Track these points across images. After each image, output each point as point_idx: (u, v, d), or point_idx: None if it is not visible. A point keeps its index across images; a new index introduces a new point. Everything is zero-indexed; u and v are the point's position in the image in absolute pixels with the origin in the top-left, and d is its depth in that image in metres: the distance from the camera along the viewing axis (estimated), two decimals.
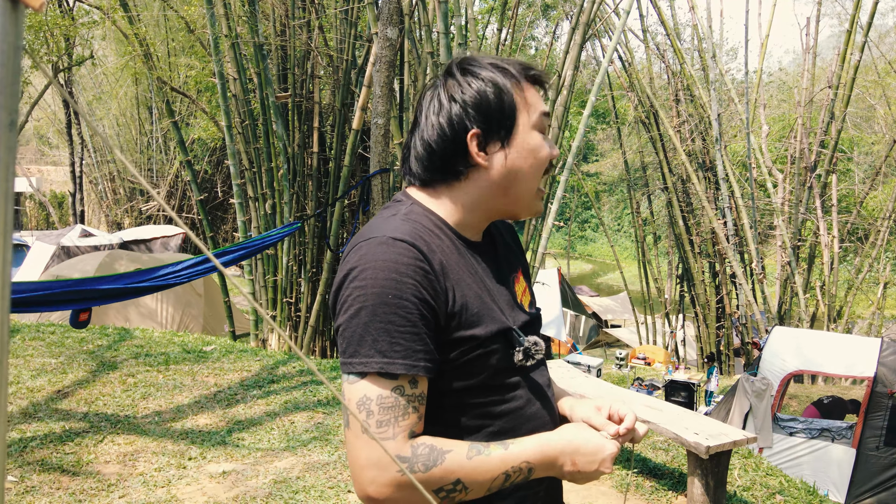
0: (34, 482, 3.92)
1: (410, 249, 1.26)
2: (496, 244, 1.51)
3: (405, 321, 1.22)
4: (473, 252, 1.41)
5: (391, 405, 1.21)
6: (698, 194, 13.42)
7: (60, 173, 29.50)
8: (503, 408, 1.35)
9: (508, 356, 1.35)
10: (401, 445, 1.21)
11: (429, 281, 1.25)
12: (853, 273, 14.63)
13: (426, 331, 1.24)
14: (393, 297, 1.22)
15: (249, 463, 4.33)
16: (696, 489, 4.01)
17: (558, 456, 1.27)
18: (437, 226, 1.37)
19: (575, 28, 8.17)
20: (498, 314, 1.35)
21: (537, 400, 1.42)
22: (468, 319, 1.30)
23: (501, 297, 1.41)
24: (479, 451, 1.23)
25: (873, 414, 6.83)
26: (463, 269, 1.35)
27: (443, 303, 1.27)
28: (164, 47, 18.01)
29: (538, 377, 1.45)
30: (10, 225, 0.78)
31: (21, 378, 5.63)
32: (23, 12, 0.65)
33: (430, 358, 1.24)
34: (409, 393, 1.23)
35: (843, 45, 12.52)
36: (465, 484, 1.22)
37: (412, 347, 1.22)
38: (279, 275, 8.56)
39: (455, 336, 1.28)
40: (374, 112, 6.13)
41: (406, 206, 1.40)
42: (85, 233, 15.67)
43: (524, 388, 1.40)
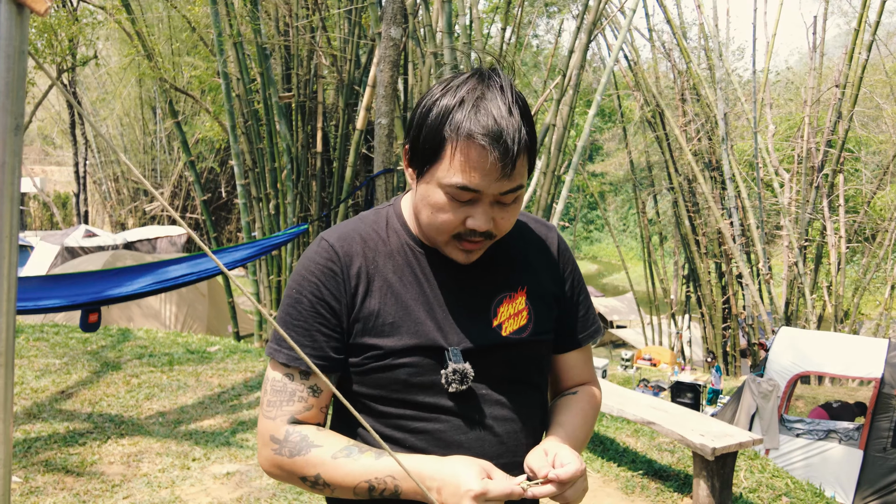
0: (38, 483, 3.91)
1: (328, 250, 1.32)
2: (493, 258, 1.38)
3: (298, 316, 1.30)
4: (433, 261, 1.35)
5: (279, 389, 1.30)
6: (704, 194, 13.37)
7: (64, 174, 29.58)
8: (420, 426, 1.32)
9: (433, 374, 1.30)
10: (278, 427, 1.28)
11: (335, 283, 1.30)
12: (860, 273, 14.56)
13: (320, 328, 1.29)
14: (295, 292, 1.31)
15: (253, 464, 4.32)
16: (701, 491, 3.98)
17: (424, 480, 1.20)
18: (395, 229, 1.38)
19: (580, 27, 8.14)
20: (427, 329, 1.31)
21: (472, 429, 1.32)
22: (377, 328, 1.30)
23: (451, 314, 1.33)
24: (348, 453, 1.25)
25: (880, 415, 6.78)
26: (398, 277, 1.33)
27: (346, 306, 1.30)
28: (168, 47, 18.03)
29: (487, 407, 1.34)
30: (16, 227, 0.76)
31: (25, 378, 5.62)
32: (28, 17, 0.63)
33: (319, 354, 1.29)
34: (297, 383, 1.29)
35: (850, 44, 12.46)
36: (326, 481, 1.25)
37: (299, 342, 1.28)
38: (283, 275, 8.55)
39: (358, 342, 1.30)
40: (377, 112, 6.11)
41: (383, 206, 1.43)
42: (89, 233, 15.70)
43: (455, 413, 1.32)
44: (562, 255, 1.47)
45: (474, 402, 1.33)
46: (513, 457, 1.34)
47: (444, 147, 1.21)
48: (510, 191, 1.24)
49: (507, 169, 1.20)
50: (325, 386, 1.30)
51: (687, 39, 14.32)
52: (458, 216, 1.24)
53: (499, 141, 1.19)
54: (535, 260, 1.44)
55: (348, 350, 1.31)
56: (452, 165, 1.21)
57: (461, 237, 1.27)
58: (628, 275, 18.34)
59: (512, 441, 1.35)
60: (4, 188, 0.62)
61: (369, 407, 1.33)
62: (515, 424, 1.36)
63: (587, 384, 1.54)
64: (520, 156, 1.21)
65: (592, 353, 1.56)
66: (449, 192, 1.23)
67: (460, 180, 1.21)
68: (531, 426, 1.39)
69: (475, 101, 1.21)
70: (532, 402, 1.41)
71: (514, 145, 1.19)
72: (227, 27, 8.14)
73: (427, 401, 1.31)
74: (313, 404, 1.31)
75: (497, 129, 1.19)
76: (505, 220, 1.28)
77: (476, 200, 1.24)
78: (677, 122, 14.03)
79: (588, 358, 1.55)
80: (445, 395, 1.31)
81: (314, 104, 8.80)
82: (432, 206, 1.25)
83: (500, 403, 1.35)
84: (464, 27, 8.21)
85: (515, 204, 1.28)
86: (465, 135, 1.19)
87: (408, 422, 1.32)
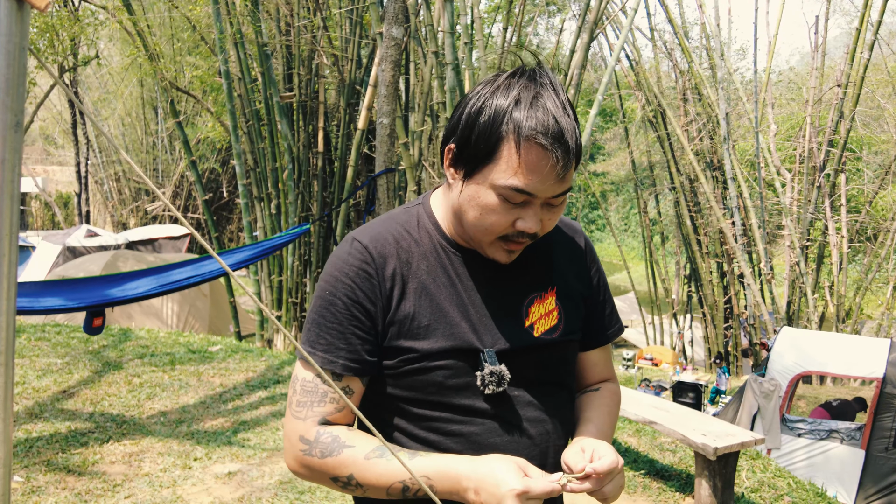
0: (40, 482, 3.91)
1: (361, 252, 1.29)
2: (523, 258, 1.36)
3: (333, 318, 1.28)
4: (466, 261, 1.34)
5: (310, 390, 1.29)
6: (706, 194, 13.36)
7: (66, 173, 29.61)
8: (455, 428, 1.31)
9: (468, 376, 1.29)
10: (308, 428, 1.28)
11: (369, 285, 1.28)
12: (862, 273, 14.54)
13: (355, 331, 1.27)
14: (329, 294, 1.29)
15: (255, 463, 4.31)
16: (703, 491, 3.98)
17: (461, 480, 1.19)
18: (426, 229, 1.36)
19: (582, 27, 8.13)
20: (462, 331, 1.30)
21: (506, 432, 1.32)
22: (412, 330, 1.28)
23: (484, 315, 1.32)
24: (381, 454, 1.24)
25: (882, 415, 6.77)
26: (432, 279, 1.31)
27: (382, 308, 1.28)
28: (170, 47, 18.03)
29: (521, 409, 1.33)
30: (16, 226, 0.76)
31: (27, 378, 5.62)
32: (28, 13, 0.63)
33: (354, 358, 1.27)
34: (330, 384, 1.28)
35: (852, 44, 12.45)
36: (359, 481, 1.24)
37: (334, 344, 1.27)
38: (284, 275, 8.55)
39: (394, 344, 1.29)
40: (379, 112, 6.11)
41: (412, 204, 1.40)
42: (90, 233, 15.70)
43: (490, 416, 1.31)
44: (588, 254, 1.47)
45: (508, 404, 1.32)
46: (546, 458, 1.34)
47: (501, 148, 1.19)
48: (561, 193, 1.24)
49: (565, 171, 1.19)
50: (357, 387, 1.31)
51: (689, 39, 14.32)
52: (508, 218, 1.23)
53: (560, 141, 1.17)
54: (563, 260, 1.43)
55: (383, 353, 1.30)
56: (509, 167, 1.19)
57: (507, 238, 1.26)
58: (630, 274, 18.31)
59: (545, 443, 1.35)
60: (4, 185, 0.62)
61: (404, 409, 1.32)
62: (548, 426, 1.35)
63: (609, 381, 1.55)
64: (576, 157, 1.21)
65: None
66: (502, 194, 1.21)
67: (517, 182, 1.19)
68: (562, 427, 1.39)
69: (532, 100, 1.19)
70: (562, 402, 1.40)
71: (574, 145, 1.19)
72: (228, 27, 8.14)
73: (462, 403, 1.30)
74: (344, 406, 1.30)
75: (558, 130, 1.17)
76: (551, 221, 1.28)
77: (528, 203, 1.22)
78: (679, 122, 14.02)
79: (609, 355, 1.55)
80: (480, 397, 1.30)
81: (315, 104, 8.80)
82: (482, 207, 1.23)
83: (532, 405, 1.34)
84: (465, 27, 8.21)
85: (562, 205, 1.28)
86: (525, 135, 1.17)
87: (443, 424, 1.30)
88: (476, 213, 1.24)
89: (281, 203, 8.45)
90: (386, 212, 6.46)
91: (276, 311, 8.63)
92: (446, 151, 1.30)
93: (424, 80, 7.79)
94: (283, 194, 8.42)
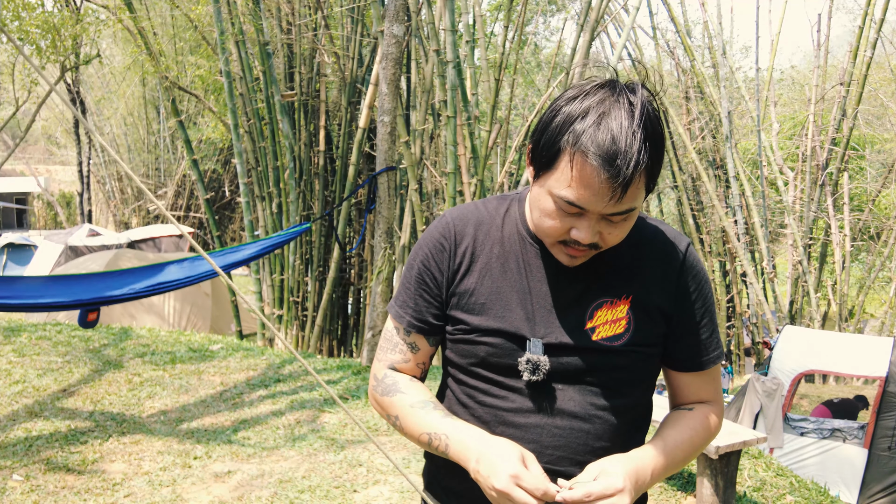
0: (39, 481, 3.90)
1: (445, 226, 1.44)
2: (604, 261, 1.37)
3: (408, 281, 1.46)
4: (543, 255, 1.38)
5: (388, 338, 1.50)
6: (708, 193, 13.33)
7: (68, 173, 29.65)
8: (488, 400, 1.40)
9: (511, 358, 1.36)
10: (381, 368, 1.49)
11: (442, 256, 1.42)
12: (865, 272, 14.50)
13: (423, 293, 1.43)
14: (411, 259, 1.46)
15: (255, 462, 4.30)
16: (705, 489, 3.96)
17: (470, 447, 1.29)
18: (513, 218, 1.43)
19: (583, 25, 8.11)
20: (515, 318, 1.37)
21: (535, 418, 1.36)
22: (469, 305, 1.40)
23: (544, 307, 1.36)
24: (423, 406, 1.40)
25: (885, 414, 6.75)
26: (501, 262, 1.39)
27: (447, 279, 1.42)
28: (172, 46, 18.04)
29: (557, 401, 1.36)
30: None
31: (27, 377, 5.62)
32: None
33: (418, 318, 1.44)
34: (402, 337, 1.47)
35: (855, 42, 12.41)
36: (401, 423, 1.42)
37: (406, 303, 1.45)
38: (286, 274, 8.54)
39: (452, 314, 1.42)
40: (380, 110, 6.10)
41: (511, 194, 1.50)
42: (93, 232, 15.71)
43: (527, 397, 1.37)
44: (686, 271, 1.40)
45: (546, 394, 1.37)
46: (572, 453, 1.37)
47: (560, 157, 1.22)
48: (619, 213, 1.24)
49: (619, 192, 1.18)
50: (423, 345, 1.47)
51: (691, 37, 14.28)
52: (564, 225, 1.26)
53: (612, 164, 1.16)
54: (650, 271, 1.39)
55: (446, 318, 1.43)
56: (563, 177, 1.21)
57: (566, 243, 1.30)
58: None
59: (573, 439, 1.36)
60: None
61: (454, 372, 1.46)
62: (584, 424, 1.37)
63: (706, 403, 1.49)
64: (634, 180, 1.18)
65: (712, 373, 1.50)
66: (557, 203, 1.24)
67: (568, 195, 1.21)
68: (606, 431, 1.38)
69: (599, 115, 1.18)
70: (613, 409, 1.38)
71: (629, 170, 1.16)
72: (230, 26, 8.13)
73: (501, 380, 1.38)
74: (410, 358, 1.47)
75: (613, 151, 1.16)
76: (613, 235, 1.28)
77: (582, 215, 1.24)
78: (681, 121, 14.00)
79: (710, 379, 1.49)
80: (520, 380, 1.37)
81: (317, 103, 8.79)
82: (541, 210, 1.28)
83: (573, 401, 1.37)
84: (466, 25, 8.20)
85: (626, 222, 1.27)
86: (580, 150, 1.18)
87: (479, 394, 1.41)
88: (537, 215, 1.30)
89: (282, 202, 8.44)
90: (386, 210, 6.40)
91: (277, 310, 8.62)
92: (527, 148, 1.35)
93: (426, 79, 7.78)
94: (284, 193, 8.41)
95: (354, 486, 4.02)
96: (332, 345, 8.88)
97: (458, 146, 7.12)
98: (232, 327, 10.40)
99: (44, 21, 11.45)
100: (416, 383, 1.46)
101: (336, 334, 8.97)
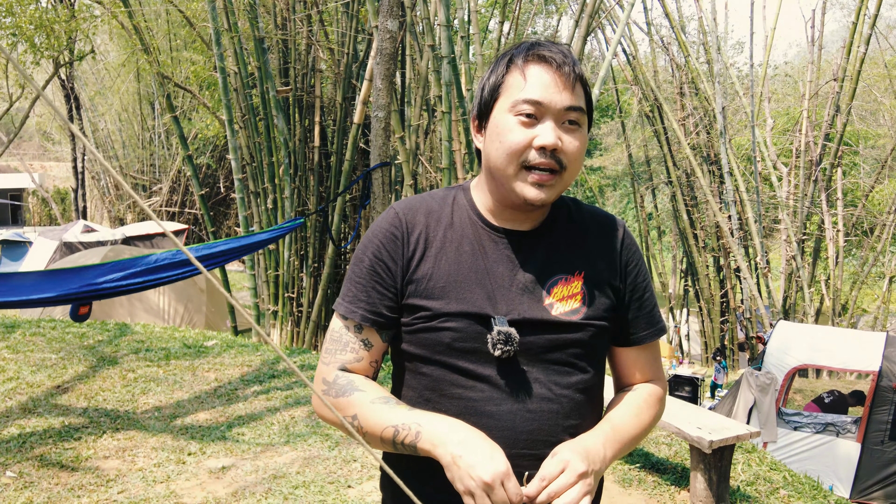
0: (33, 478, 3.90)
1: (394, 217, 1.43)
2: (554, 240, 1.43)
3: (359, 274, 1.42)
4: (496, 238, 1.41)
5: (336, 339, 1.44)
6: (703, 188, 13.36)
7: (63, 169, 29.56)
8: (456, 392, 1.37)
9: (476, 341, 1.35)
10: (329, 371, 1.42)
11: (395, 245, 1.40)
12: (858, 267, 14.55)
13: (376, 285, 1.40)
14: (360, 252, 1.43)
15: (249, 458, 4.31)
16: (699, 484, 3.98)
17: (452, 432, 1.26)
18: (461, 205, 1.46)
19: (578, 21, 8.10)
20: (476, 297, 1.36)
21: (506, 404, 1.35)
22: (428, 290, 1.38)
23: (502, 286, 1.37)
24: (386, 401, 1.35)
25: (878, 408, 6.78)
26: (455, 246, 1.40)
27: (402, 268, 1.40)
28: (167, 42, 17.97)
29: (526, 383, 1.35)
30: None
31: (21, 373, 5.61)
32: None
33: (372, 310, 1.40)
34: (352, 335, 1.42)
35: (849, 37, 12.43)
36: (360, 422, 1.34)
37: (357, 297, 1.41)
38: (281, 269, 8.53)
39: (410, 302, 1.39)
40: (374, 105, 6.09)
41: (453, 187, 1.53)
42: (87, 228, 15.65)
43: (493, 384, 1.35)
44: (626, 248, 1.48)
45: (514, 376, 1.36)
46: (545, 436, 1.36)
47: (506, 80, 1.35)
48: (573, 109, 1.32)
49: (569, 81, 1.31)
50: (376, 340, 1.43)
51: (685, 33, 14.29)
52: (527, 135, 1.31)
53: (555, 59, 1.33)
54: (597, 247, 1.45)
55: (401, 310, 1.40)
56: (517, 85, 1.32)
57: (531, 167, 1.32)
58: None
59: (546, 421, 1.36)
60: None
61: (414, 366, 1.41)
62: (553, 405, 1.37)
63: (651, 381, 1.54)
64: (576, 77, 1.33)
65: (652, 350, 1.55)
66: (518, 113, 1.31)
67: (528, 94, 1.31)
68: (573, 409, 1.39)
69: (531, 43, 1.37)
70: (577, 385, 1.40)
71: (570, 64, 1.32)
72: (225, 21, 8.11)
73: (467, 367, 1.36)
74: (363, 357, 1.43)
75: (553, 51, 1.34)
76: (571, 145, 1.34)
77: (542, 117, 1.31)
78: (676, 117, 14.01)
79: (652, 356, 1.54)
80: (486, 364, 1.35)
81: (312, 98, 8.77)
82: (502, 132, 1.33)
83: (539, 382, 1.37)
84: (461, 21, 8.18)
85: (579, 133, 1.35)
86: (524, 57, 1.34)
87: (445, 385, 1.37)
88: (498, 143, 1.33)
89: (277, 198, 8.42)
90: (381, 206, 6.39)
91: (272, 305, 8.61)
92: (472, 125, 1.44)
93: (421, 75, 7.76)
94: (279, 189, 8.39)
95: (348, 481, 4.02)
96: None
97: (452, 142, 7.12)
98: (227, 323, 10.39)
99: (38, 18, 11.40)
100: (372, 382, 1.42)
101: None
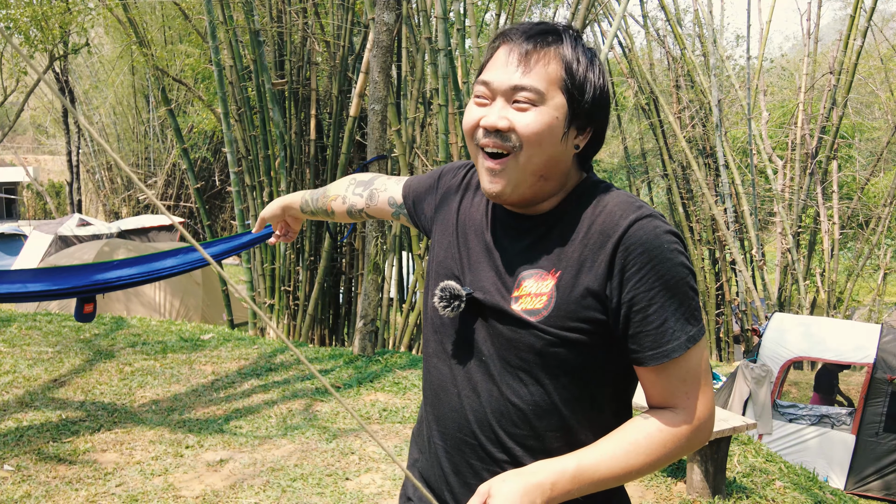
0: (30, 472, 3.90)
1: (461, 166, 1.58)
2: (546, 233, 1.31)
3: (430, 174, 1.65)
4: (502, 218, 1.38)
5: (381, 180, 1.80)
6: (698, 181, 13.36)
7: (58, 163, 29.46)
8: (430, 362, 1.45)
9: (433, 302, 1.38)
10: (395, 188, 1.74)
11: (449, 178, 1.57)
12: (854, 260, 14.59)
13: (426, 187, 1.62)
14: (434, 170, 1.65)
15: (247, 451, 4.31)
16: (695, 475, 4.00)
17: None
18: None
19: (574, 13, 8.09)
20: (452, 264, 1.42)
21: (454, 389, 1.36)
22: (435, 238, 1.52)
23: (479, 264, 1.37)
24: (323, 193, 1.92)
25: (873, 400, 6.81)
26: (457, 215, 1.47)
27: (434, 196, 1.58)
28: (161, 35, 17.91)
29: (479, 376, 1.32)
30: None
31: (17, 367, 5.60)
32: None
33: (406, 194, 1.67)
34: (383, 182, 1.78)
35: (845, 30, 12.43)
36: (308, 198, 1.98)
37: (415, 177, 1.70)
38: (277, 263, 8.53)
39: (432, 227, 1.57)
40: (371, 98, 6.08)
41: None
42: (82, 222, 15.62)
43: (453, 362, 1.38)
44: (625, 250, 1.21)
45: (474, 364, 1.34)
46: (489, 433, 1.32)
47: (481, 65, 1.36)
48: (522, 88, 1.25)
49: (518, 60, 1.25)
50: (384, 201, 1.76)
51: (681, 26, 14.27)
52: (475, 115, 1.30)
53: (510, 31, 1.29)
54: (584, 250, 1.25)
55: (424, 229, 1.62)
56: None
57: (482, 149, 1.30)
58: None
59: (494, 418, 1.31)
60: None
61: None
62: (502, 406, 1.31)
63: (668, 409, 1.27)
64: (534, 53, 1.25)
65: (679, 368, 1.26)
66: (475, 96, 1.31)
67: (484, 75, 1.30)
68: (522, 420, 1.30)
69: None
70: (531, 398, 1.29)
71: (529, 40, 1.26)
72: (220, 14, 8.08)
73: (435, 339, 1.43)
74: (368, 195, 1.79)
75: (515, 27, 1.30)
76: (523, 122, 1.24)
77: (490, 103, 1.28)
78: (671, 109, 14.00)
79: (678, 379, 1.25)
80: (450, 340, 1.38)
81: (308, 91, 8.75)
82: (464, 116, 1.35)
83: (492, 378, 1.31)
84: (458, 13, 8.16)
85: (536, 108, 1.24)
86: (494, 44, 1.32)
87: (429, 348, 1.46)
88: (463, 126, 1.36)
89: (273, 191, 8.41)
90: None
91: (269, 299, 8.61)
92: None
93: (417, 67, 7.75)
94: (275, 182, 8.38)
95: (346, 474, 4.03)
96: (323, 334, 8.88)
97: (449, 135, 7.12)
98: (223, 316, 10.38)
99: (32, 10, 11.35)
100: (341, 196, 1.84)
101: (328, 323, 8.96)
